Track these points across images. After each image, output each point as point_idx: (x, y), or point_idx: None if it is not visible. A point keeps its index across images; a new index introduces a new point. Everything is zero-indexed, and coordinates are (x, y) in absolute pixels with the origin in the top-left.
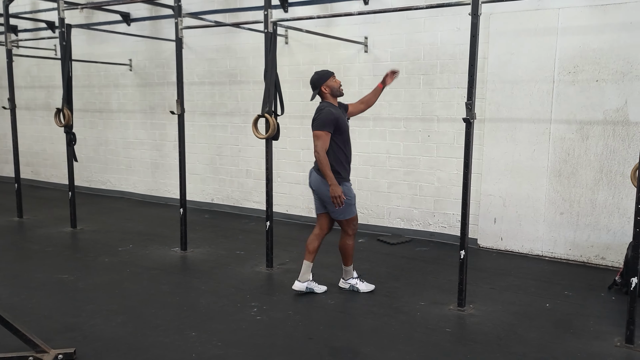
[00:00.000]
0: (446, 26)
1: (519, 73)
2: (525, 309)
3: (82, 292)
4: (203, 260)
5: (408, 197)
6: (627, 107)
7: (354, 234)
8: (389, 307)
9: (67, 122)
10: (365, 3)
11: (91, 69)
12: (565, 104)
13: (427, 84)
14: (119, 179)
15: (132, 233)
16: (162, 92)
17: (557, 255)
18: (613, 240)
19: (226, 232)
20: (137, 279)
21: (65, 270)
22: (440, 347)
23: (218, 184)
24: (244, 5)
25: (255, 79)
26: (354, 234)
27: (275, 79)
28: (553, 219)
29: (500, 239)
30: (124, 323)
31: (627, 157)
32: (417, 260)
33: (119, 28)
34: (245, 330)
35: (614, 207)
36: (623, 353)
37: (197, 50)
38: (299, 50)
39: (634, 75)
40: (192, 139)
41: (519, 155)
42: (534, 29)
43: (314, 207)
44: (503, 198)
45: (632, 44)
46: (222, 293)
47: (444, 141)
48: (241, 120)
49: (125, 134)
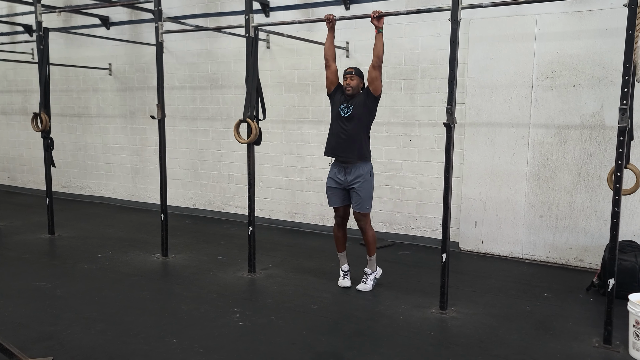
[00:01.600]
0: (427, 32)
1: (498, 78)
2: (506, 311)
3: (60, 299)
4: (184, 266)
5: (390, 201)
6: (603, 112)
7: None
8: (371, 311)
9: (45, 127)
10: (347, 8)
11: (69, 73)
12: (544, 108)
13: (408, 89)
14: (99, 184)
15: (112, 239)
16: (142, 97)
17: (537, 258)
18: (591, 243)
19: (208, 237)
20: (117, 285)
21: (43, 278)
22: (423, 351)
23: (199, 189)
24: (225, 10)
25: (237, 84)
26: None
27: (257, 83)
28: (532, 222)
29: (481, 242)
30: (103, 331)
31: (604, 161)
32: (399, 264)
33: (98, 32)
34: (227, 336)
35: (591, 210)
36: (601, 353)
37: (177, 54)
38: (281, 54)
39: (610, 81)
40: (173, 144)
41: (499, 159)
42: (512, 35)
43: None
44: (483, 201)
45: (607, 50)
46: (204, 299)
47: (426, 145)
48: (223, 125)
49: (104, 138)
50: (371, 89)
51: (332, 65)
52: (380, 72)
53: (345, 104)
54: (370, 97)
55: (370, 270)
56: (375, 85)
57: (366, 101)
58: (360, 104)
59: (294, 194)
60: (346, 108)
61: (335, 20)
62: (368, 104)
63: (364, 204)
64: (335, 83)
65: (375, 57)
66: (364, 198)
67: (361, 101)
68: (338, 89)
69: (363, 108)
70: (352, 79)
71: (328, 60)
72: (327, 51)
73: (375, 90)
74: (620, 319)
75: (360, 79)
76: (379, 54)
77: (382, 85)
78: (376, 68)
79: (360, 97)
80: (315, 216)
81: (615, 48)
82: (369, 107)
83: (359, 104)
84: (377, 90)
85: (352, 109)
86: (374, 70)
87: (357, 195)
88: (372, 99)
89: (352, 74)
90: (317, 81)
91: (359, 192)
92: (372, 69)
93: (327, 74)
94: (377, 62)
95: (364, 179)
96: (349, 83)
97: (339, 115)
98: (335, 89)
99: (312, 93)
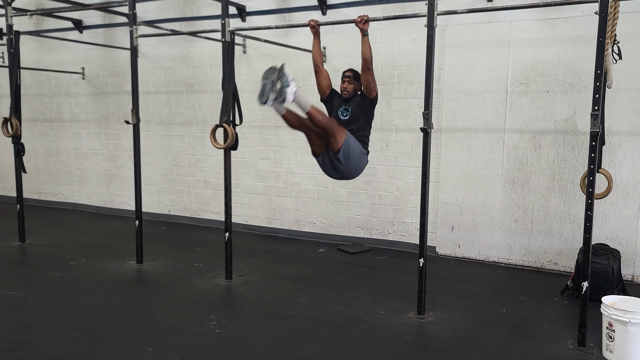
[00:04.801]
0: (403, 37)
1: (473, 84)
2: (483, 315)
3: (31, 308)
4: (160, 273)
5: (367, 206)
6: (576, 117)
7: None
8: (349, 317)
9: (15, 132)
10: (324, 14)
11: (41, 77)
12: (518, 114)
13: (385, 94)
14: (71, 190)
15: (85, 246)
16: (116, 102)
17: (513, 262)
18: (565, 246)
19: (184, 243)
20: (90, 294)
21: (13, 287)
22: (401, 355)
23: (175, 195)
24: (201, 14)
25: (213, 88)
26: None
27: (233, 88)
28: (508, 226)
29: (457, 247)
30: (76, 340)
31: (577, 165)
32: (377, 269)
33: (71, 35)
34: (203, 344)
35: (565, 214)
36: (576, 355)
37: (152, 58)
38: (257, 59)
39: (582, 87)
40: (147, 149)
41: (475, 164)
42: (487, 41)
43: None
44: (460, 206)
45: (579, 57)
46: (180, 306)
47: (402, 150)
48: (199, 130)
49: (77, 144)
50: (365, 92)
51: (322, 70)
52: (371, 74)
53: (344, 107)
54: (366, 99)
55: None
56: (367, 88)
57: (362, 103)
58: (357, 105)
59: (270, 200)
60: (345, 111)
61: (319, 25)
62: (365, 105)
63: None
64: (329, 87)
65: (364, 61)
66: (351, 150)
67: (357, 103)
68: (334, 94)
69: (360, 109)
70: (350, 82)
71: (318, 65)
72: (316, 57)
73: (369, 93)
74: (594, 321)
75: (357, 82)
76: (366, 57)
77: (376, 87)
78: (366, 71)
79: (356, 99)
80: (292, 222)
81: (587, 55)
82: (366, 109)
83: (356, 106)
84: (371, 92)
85: (350, 110)
86: (365, 74)
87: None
88: (368, 101)
89: (350, 78)
90: None
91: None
92: (362, 72)
93: (319, 79)
94: (365, 65)
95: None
96: (346, 87)
97: (337, 119)
98: (330, 93)
99: None
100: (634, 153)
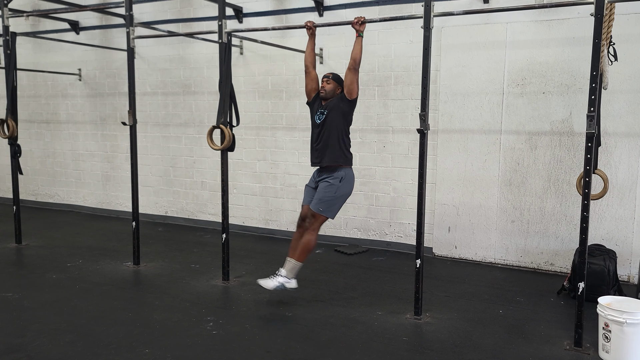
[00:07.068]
0: (399, 39)
1: (470, 85)
2: (480, 315)
3: (27, 310)
4: (157, 274)
5: (364, 208)
6: (572, 119)
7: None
8: (346, 318)
9: (12, 134)
10: (320, 15)
11: (38, 79)
12: (514, 115)
13: (381, 96)
14: (68, 192)
15: (81, 248)
16: (113, 103)
17: (509, 263)
18: (561, 247)
19: (180, 245)
20: (87, 295)
21: (9, 288)
22: (398, 356)
23: (172, 196)
24: (198, 16)
25: (210, 90)
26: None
27: (230, 89)
28: (504, 227)
29: (454, 247)
30: (72, 342)
31: (573, 167)
32: (374, 270)
33: (68, 37)
34: (200, 345)
35: (561, 215)
36: (572, 356)
37: (149, 60)
38: (254, 60)
39: (578, 88)
40: (144, 151)
41: (471, 165)
42: (483, 43)
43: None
44: (457, 207)
45: (575, 58)
46: (177, 308)
47: (399, 152)
48: (196, 131)
49: (74, 145)
50: (345, 92)
51: (312, 72)
52: (356, 75)
53: (321, 110)
54: (344, 100)
55: (286, 273)
56: (349, 88)
57: (340, 104)
58: (333, 108)
59: (267, 201)
60: (321, 114)
61: (315, 27)
62: (342, 107)
63: (318, 204)
64: (315, 90)
65: (352, 59)
66: (322, 199)
67: (335, 105)
68: (317, 97)
69: (336, 112)
70: (329, 82)
71: (308, 67)
72: (307, 58)
73: (349, 94)
74: (590, 321)
75: (337, 84)
76: (356, 57)
77: (357, 89)
78: (351, 70)
79: (334, 101)
80: (290, 223)
81: (582, 56)
82: (343, 111)
83: (332, 109)
84: (351, 93)
85: (326, 114)
86: (349, 73)
87: (317, 193)
88: (346, 102)
89: (329, 78)
90: (290, 87)
91: (320, 191)
92: (348, 71)
93: (307, 80)
94: (352, 64)
95: (331, 181)
96: (324, 86)
97: (314, 122)
98: (314, 96)
99: (285, 99)
100: (629, 154)
